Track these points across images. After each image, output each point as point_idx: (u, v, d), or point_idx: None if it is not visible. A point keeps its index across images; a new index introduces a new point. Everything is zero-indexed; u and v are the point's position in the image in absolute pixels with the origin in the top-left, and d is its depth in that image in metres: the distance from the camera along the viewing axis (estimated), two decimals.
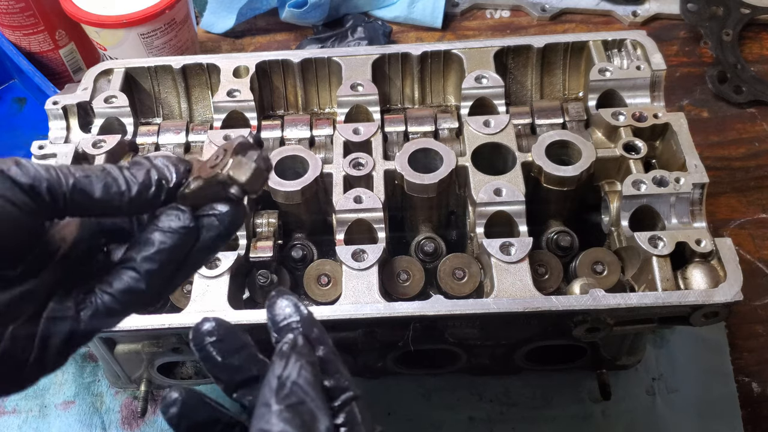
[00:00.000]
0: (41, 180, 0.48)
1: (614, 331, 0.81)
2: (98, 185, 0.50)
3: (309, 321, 0.55)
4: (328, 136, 0.97)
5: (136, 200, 0.51)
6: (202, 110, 1.05)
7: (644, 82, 0.94)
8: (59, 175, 0.49)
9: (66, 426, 1.02)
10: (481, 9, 1.51)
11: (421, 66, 1.01)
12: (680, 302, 0.76)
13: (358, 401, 0.52)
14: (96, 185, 0.50)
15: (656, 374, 1.03)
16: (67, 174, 0.49)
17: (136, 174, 0.52)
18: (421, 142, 0.90)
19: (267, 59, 1.01)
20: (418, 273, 0.86)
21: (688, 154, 0.86)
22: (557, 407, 1.01)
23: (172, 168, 0.53)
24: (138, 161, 0.53)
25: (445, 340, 0.88)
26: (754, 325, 1.07)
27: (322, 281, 0.86)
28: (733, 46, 1.37)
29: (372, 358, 0.94)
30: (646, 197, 0.84)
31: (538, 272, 0.85)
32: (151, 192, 0.52)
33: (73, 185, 0.49)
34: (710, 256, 0.80)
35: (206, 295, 0.80)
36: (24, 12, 1.24)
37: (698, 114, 1.31)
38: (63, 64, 1.35)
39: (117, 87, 0.98)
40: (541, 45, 1.00)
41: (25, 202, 0.47)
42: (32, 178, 0.48)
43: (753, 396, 1.02)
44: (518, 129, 0.95)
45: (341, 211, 0.85)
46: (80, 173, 0.50)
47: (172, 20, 1.21)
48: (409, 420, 1.01)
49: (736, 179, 1.23)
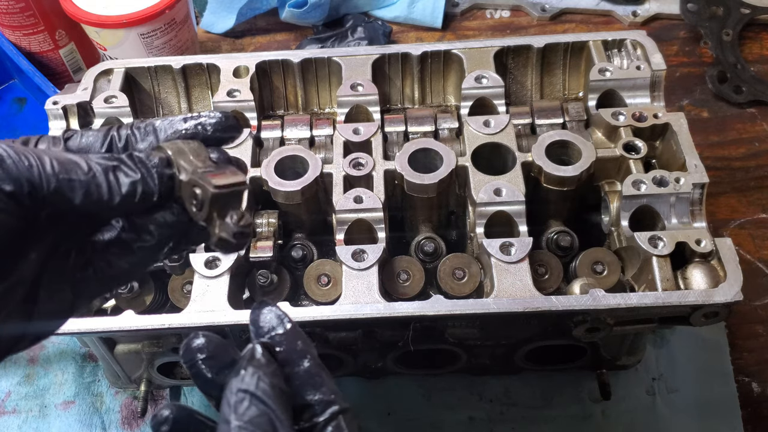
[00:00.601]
0: (23, 184, 0.46)
1: (614, 331, 0.81)
2: (79, 192, 0.48)
3: (293, 334, 0.54)
4: (328, 136, 0.97)
5: (118, 209, 0.50)
6: (202, 110, 1.05)
7: (644, 82, 0.94)
8: (41, 175, 0.47)
9: (66, 426, 1.02)
10: (481, 9, 1.51)
11: (421, 66, 1.01)
12: (680, 302, 0.76)
13: (345, 414, 0.51)
14: (77, 192, 0.48)
15: (656, 374, 1.03)
16: (50, 175, 0.47)
17: (122, 182, 0.50)
18: (421, 142, 0.90)
19: (267, 59, 1.01)
20: (418, 273, 0.86)
21: (688, 154, 0.86)
22: (557, 407, 1.01)
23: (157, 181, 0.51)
24: (134, 160, 0.51)
25: (445, 340, 0.88)
26: (754, 325, 1.07)
27: (322, 281, 0.86)
28: (733, 46, 1.37)
29: (372, 358, 0.94)
30: (646, 197, 0.84)
31: (538, 272, 0.85)
32: (135, 202, 0.50)
33: (54, 190, 0.47)
34: (710, 256, 0.80)
35: (206, 295, 0.80)
36: (24, 12, 1.24)
37: (698, 114, 1.31)
38: (63, 64, 1.35)
39: (117, 87, 0.98)
40: (541, 45, 1.00)
41: (4, 206, 0.45)
42: (14, 181, 0.46)
43: (753, 396, 1.02)
44: (518, 129, 0.95)
45: (341, 211, 0.85)
46: (64, 174, 0.48)
47: (172, 20, 1.21)
48: (409, 420, 1.02)
49: (736, 179, 1.23)
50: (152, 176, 0.51)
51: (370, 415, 1.02)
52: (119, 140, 0.55)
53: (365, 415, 1.02)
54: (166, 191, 0.51)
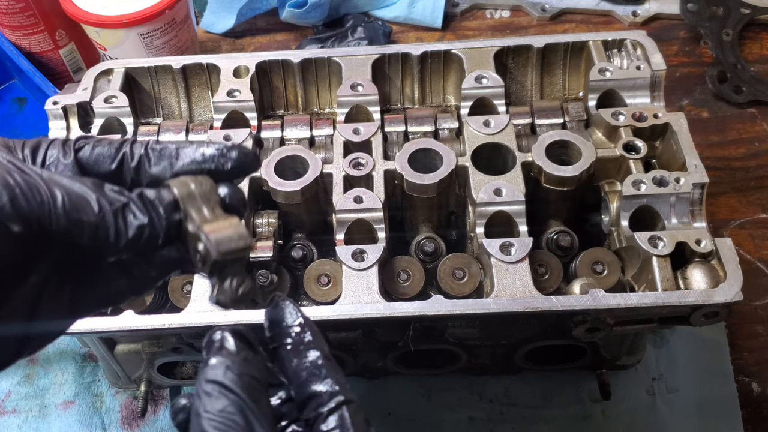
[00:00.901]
0: (32, 223, 0.45)
1: (614, 331, 0.81)
2: (87, 232, 0.47)
3: (303, 327, 0.55)
4: (328, 136, 0.97)
5: (123, 250, 0.50)
6: (202, 110, 1.05)
7: (644, 82, 0.94)
8: (51, 213, 0.46)
9: (66, 426, 1.02)
10: (481, 9, 1.51)
11: (421, 66, 1.01)
12: (680, 302, 0.76)
13: (349, 405, 0.52)
14: (85, 232, 0.47)
15: (656, 374, 1.03)
16: (60, 215, 0.46)
17: (130, 225, 0.49)
18: (421, 142, 0.90)
19: (267, 59, 1.01)
20: (418, 273, 0.86)
21: (688, 154, 0.86)
22: (557, 407, 1.01)
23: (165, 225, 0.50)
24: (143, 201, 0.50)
25: (445, 340, 0.88)
26: (754, 325, 1.07)
27: (322, 281, 0.86)
28: (733, 46, 1.37)
29: (372, 358, 0.94)
30: (646, 197, 0.84)
31: (538, 272, 0.85)
32: (141, 244, 0.50)
33: (63, 230, 0.46)
34: (710, 256, 0.80)
35: (206, 294, 0.80)
36: (24, 12, 1.24)
37: (698, 114, 1.31)
38: (63, 64, 1.35)
39: (117, 87, 0.98)
40: (541, 45, 1.00)
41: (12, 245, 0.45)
42: (23, 220, 0.45)
43: (753, 396, 1.02)
44: (518, 129, 0.95)
45: (341, 211, 0.85)
46: (74, 214, 0.46)
47: (172, 20, 1.21)
48: (409, 420, 1.02)
49: (736, 179, 1.23)
50: (161, 220, 0.50)
51: (370, 415, 1.01)
52: (132, 159, 0.54)
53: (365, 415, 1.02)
54: (172, 234, 0.51)
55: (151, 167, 0.54)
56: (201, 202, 0.51)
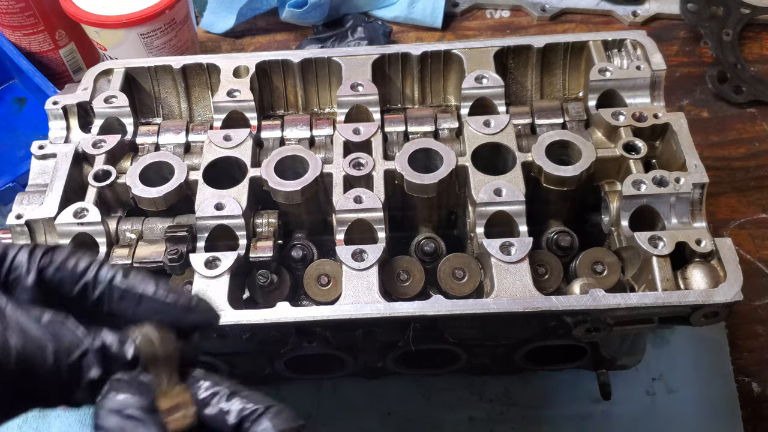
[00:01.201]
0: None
1: (614, 331, 0.81)
2: (42, 379, 0.48)
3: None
4: (328, 136, 0.97)
5: (77, 395, 0.51)
6: (202, 110, 1.05)
7: (644, 82, 0.94)
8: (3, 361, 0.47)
9: (66, 426, 1.02)
10: (481, 9, 1.51)
11: (421, 66, 1.01)
12: (680, 302, 0.76)
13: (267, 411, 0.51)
14: (40, 379, 0.48)
15: (656, 374, 1.03)
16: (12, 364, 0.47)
17: (84, 377, 0.50)
18: (421, 142, 0.90)
19: (267, 59, 1.01)
20: (418, 273, 0.86)
21: (688, 154, 0.86)
22: (557, 407, 1.01)
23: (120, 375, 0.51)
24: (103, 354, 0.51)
25: (445, 340, 0.88)
26: (754, 325, 1.07)
27: (322, 281, 0.86)
28: (733, 46, 1.37)
29: (372, 358, 0.94)
30: (646, 197, 0.84)
31: (538, 272, 0.85)
32: (90, 395, 0.52)
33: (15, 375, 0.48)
34: (710, 256, 0.80)
35: (206, 294, 0.80)
36: (24, 12, 1.24)
37: (698, 114, 1.31)
38: (63, 64, 1.35)
39: (117, 87, 0.98)
40: (541, 45, 1.00)
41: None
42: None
43: (753, 396, 1.02)
44: (518, 129, 0.95)
45: (341, 211, 0.85)
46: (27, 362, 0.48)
47: (172, 20, 1.21)
48: (409, 420, 1.02)
49: (736, 179, 1.23)
50: (115, 371, 0.51)
51: (370, 415, 1.02)
52: (93, 290, 0.54)
53: (365, 415, 1.02)
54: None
55: (112, 305, 0.54)
56: (161, 367, 0.52)
